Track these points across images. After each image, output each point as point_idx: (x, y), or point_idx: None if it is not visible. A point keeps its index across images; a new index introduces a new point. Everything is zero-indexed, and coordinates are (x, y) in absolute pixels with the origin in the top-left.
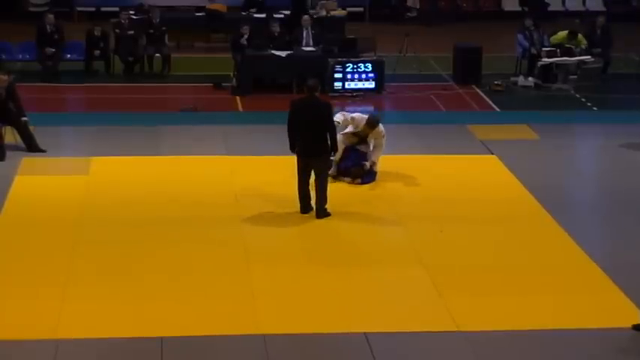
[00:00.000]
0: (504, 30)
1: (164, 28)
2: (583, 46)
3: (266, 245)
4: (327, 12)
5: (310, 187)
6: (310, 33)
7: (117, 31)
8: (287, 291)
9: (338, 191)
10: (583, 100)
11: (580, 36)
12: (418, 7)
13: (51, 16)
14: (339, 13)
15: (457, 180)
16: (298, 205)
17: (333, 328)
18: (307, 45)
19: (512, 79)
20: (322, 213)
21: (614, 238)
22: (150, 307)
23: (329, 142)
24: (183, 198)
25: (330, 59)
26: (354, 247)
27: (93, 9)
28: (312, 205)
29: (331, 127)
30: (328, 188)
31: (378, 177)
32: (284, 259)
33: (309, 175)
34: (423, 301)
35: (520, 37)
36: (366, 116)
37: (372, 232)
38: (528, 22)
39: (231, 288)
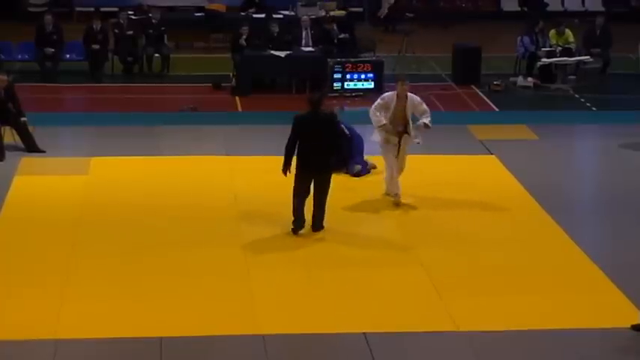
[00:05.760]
0: (504, 30)
1: (163, 28)
2: (572, 41)
3: (265, 245)
4: (327, 12)
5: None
6: (309, 33)
7: (116, 31)
8: (286, 291)
9: (337, 191)
10: (582, 100)
11: (567, 31)
12: (384, 16)
13: (50, 17)
14: (339, 13)
15: (456, 180)
16: None
17: (332, 328)
18: (306, 45)
19: (512, 79)
20: (320, 226)
21: (613, 238)
22: (149, 307)
23: (337, 155)
24: (182, 198)
25: (329, 59)
26: (353, 248)
27: (92, 9)
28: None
29: (339, 137)
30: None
31: (377, 177)
32: (283, 259)
33: (308, 194)
34: (422, 301)
35: (527, 40)
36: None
37: (372, 233)
38: (540, 26)
39: (231, 288)
